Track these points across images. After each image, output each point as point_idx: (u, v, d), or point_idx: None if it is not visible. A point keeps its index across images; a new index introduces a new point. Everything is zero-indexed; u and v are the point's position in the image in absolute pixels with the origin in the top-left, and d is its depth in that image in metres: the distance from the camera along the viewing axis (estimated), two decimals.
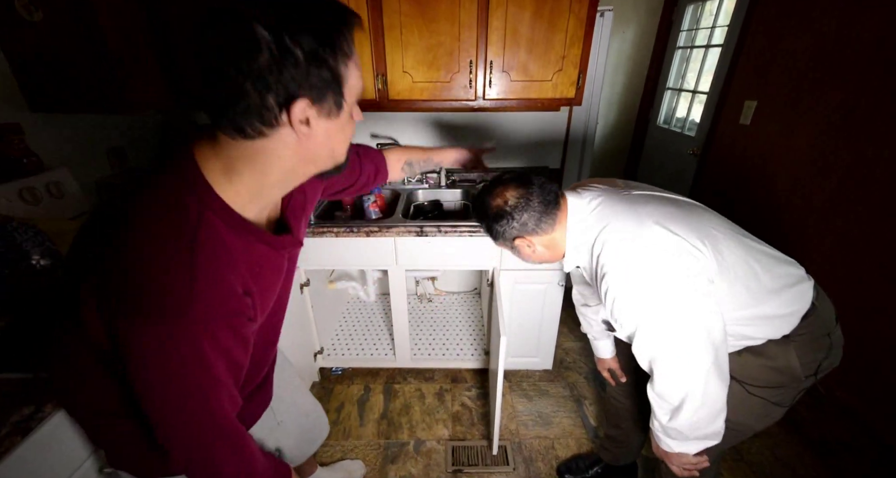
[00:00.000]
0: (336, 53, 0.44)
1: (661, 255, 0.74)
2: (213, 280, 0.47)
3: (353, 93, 0.49)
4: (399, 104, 1.56)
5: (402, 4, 1.37)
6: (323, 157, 0.52)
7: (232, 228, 0.50)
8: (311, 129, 0.47)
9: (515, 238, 0.87)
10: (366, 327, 2.04)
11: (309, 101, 0.44)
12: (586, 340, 2.24)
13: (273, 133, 0.46)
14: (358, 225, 1.49)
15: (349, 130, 0.53)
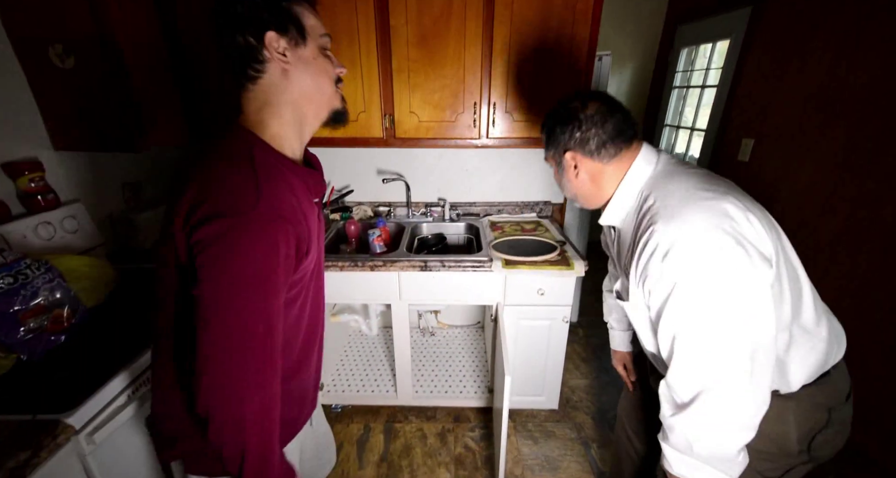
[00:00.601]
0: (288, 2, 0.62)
1: (734, 247, 0.64)
2: (274, 186, 0.58)
3: (315, 31, 0.64)
4: (405, 142, 1.61)
5: (409, 50, 1.45)
6: (312, 89, 0.65)
7: (273, 157, 0.62)
8: (288, 58, 0.61)
9: (568, 150, 0.80)
10: (367, 362, 2.00)
11: (275, 32, 0.60)
12: (592, 377, 2.19)
13: (267, 69, 0.62)
14: (362, 259, 1.50)
15: (327, 66, 0.66)
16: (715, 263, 0.64)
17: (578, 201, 0.88)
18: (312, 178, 0.69)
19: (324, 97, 0.67)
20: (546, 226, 1.86)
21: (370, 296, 1.58)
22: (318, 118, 0.69)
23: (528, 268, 1.47)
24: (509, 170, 1.96)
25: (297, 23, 0.62)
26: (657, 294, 0.70)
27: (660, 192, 0.74)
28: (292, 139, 0.66)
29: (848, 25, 1.62)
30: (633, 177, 0.79)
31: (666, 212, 0.69)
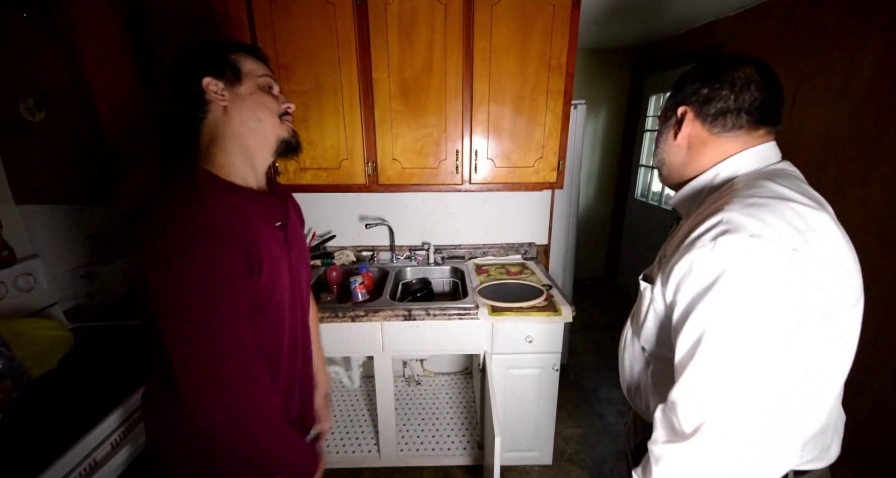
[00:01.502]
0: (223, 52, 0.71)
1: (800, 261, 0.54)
2: (211, 204, 0.63)
3: (253, 73, 0.72)
4: (388, 187, 1.61)
5: (392, 102, 1.48)
6: (252, 121, 0.71)
7: (217, 183, 0.68)
8: (226, 97, 0.69)
9: (682, 104, 0.69)
10: (348, 418, 1.87)
11: (212, 77, 0.68)
12: (586, 425, 2.09)
13: (210, 109, 0.70)
14: (343, 310, 1.44)
15: (266, 100, 0.73)
16: (782, 262, 0.53)
17: (663, 171, 0.77)
18: (267, 201, 0.75)
19: (266, 127, 0.73)
20: (531, 268, 1.84)
21: (351, 348, 1.50)
22: (267, 147, 0.75)
23: (516, 314, 1.43)
24: (493, 212, 1.97)
25: (232, 67, 0.71)
26: (694, 281, 0.57)
27: (753, 183, 0.62)
28: (242, 168, 0.72)
29: (805, 73, 1.76)
30: (735, 164, 0.67)
31: (746, 199, 0.58)
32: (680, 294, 0.60)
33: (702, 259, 0.57)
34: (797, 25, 1.79)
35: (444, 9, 1.38)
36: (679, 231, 0.71)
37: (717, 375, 0.55)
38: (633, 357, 0.81)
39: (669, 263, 0.62)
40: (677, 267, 0.60)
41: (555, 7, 1.39)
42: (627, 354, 0.83)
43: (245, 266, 0.63)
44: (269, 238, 0.71)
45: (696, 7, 2.08)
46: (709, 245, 0.56)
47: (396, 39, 1.41)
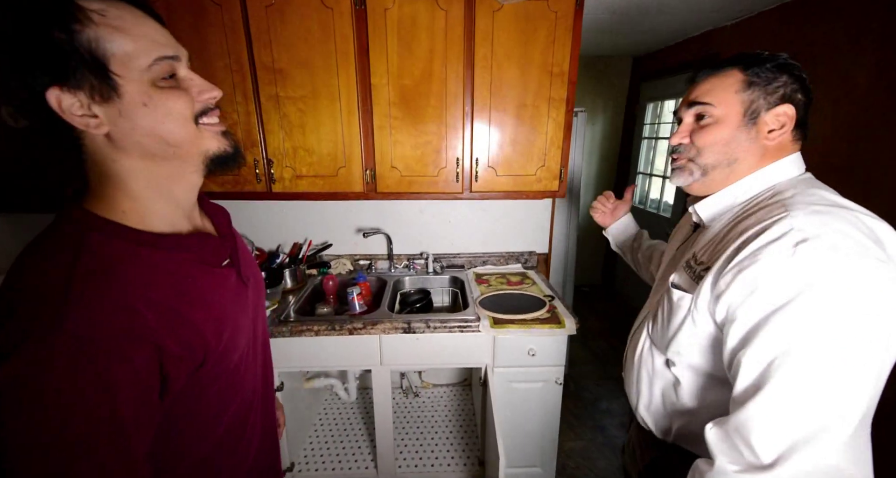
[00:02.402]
0: (58, 24, 0.39)
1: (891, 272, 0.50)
2: (96, 292, 0.41)
3: (136, 59, 0.43)
4: (387, 196, 1.57)
5: (391, 109, 1.45)
6: (153, 145, 0.46)
7: (130, 242, 0.46)
8: (101, 119, 0.43)
9: (785, 103, 0.63)
10: (344, 433, 1.81)
11: (59, 89, 0.40)
12: (588, 438, 2.05)
13: (83, 138, 0.44)
14: (340, 322, 1.39)
15: (173, 102, 0.46)
16: (872, 272, 0.48)
17: (718, 171, 0.67)
18: (207, 245, 0.54)
19: (180, 149, 0.48)
20: (532, 278, 1.81)
21: (349, 361, 1.45)
22: (190, 172, 0.51)
23: (518, 327, 1.39)
24: (493, 220, 1.94)
25: (89, 61, 0.40)
26: (766, 294, 0.52)
27: (810, 192, 0.59)
28: (160, 209, 0.50)
29: None
30: (779, 169, 0.64)
31: (808, 206, 0.55)
32: (744, 308, 0.55)
33: (777, 270, 0.52)
34: (793, 36, 1.80)
35: (445, 15, 1.36)
36: (710, 236, 0.67)
37: (805, 398, 0.50)
38: (653, 372, 0.76)
39: (724, 271, 0.57)
40: (741, 278, 0.55)
41: (557, 14, 1.37)
42: (645, 370, 0.78)
43: (148, 372, 0.43)
44: (213, 296, 0.53)
45: (693, 16, 2.09)
46: (786, 254, 0.52)
47: (396, 45, 1.38)
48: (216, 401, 0.55)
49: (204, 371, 0.50)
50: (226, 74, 1.38)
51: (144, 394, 0.42)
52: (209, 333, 0.50)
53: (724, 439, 0.56)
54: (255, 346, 0.66)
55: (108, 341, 0.40)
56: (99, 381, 0.39)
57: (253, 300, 0.64)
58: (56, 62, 0.39)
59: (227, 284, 0.57)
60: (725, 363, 0.59)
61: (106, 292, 0.41)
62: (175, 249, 0.50)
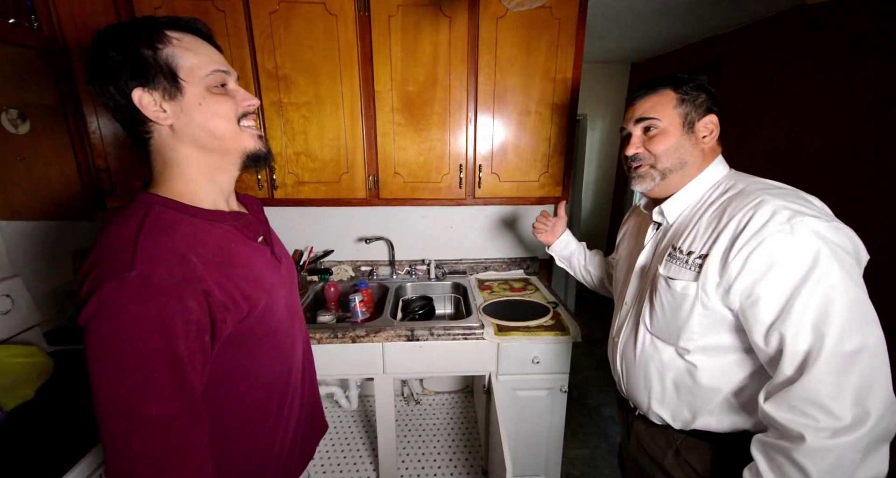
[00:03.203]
0: (147, 45, 0.54)
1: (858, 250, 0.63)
2: (158, 244, 0.51)
3: (197, 71, 0.57)
4: (390, 202, 1.56)
5: (394, 115, 1.45)
6: (204, 137, 0.58)
7: (184, 213, 0.57)
8: (168, 113, 0.56)
9: (714, 113, 0.78)
10: (346, 442, 1.79)
11: (141, 89, 0.54)
12: (592, 446, 2.03)
13: (152, 130, 0.57)
14: (343, 330, 1.38)
15: (220, 107, 0.58)
16: (845, 229, 0.62)
17: (673, 174, 0.79)
18: (243, 220, 0.65)
19: (224, 142, 0.60)
20: (535, 284, 1.80)
21: (351, 370, 1.43)
22: (231, 164, 0.63)
23: (522, 334, 1.38)
24: (496, 226, 1.93)
25: (165, 68, 0.54)
26: (786, 269, 0.60)
27: (750, 181, 0.73)
28: (207, 191, 0.62)
29: (803, 89, 1.77)
30: (716, 168, 0.78)
31: (768, 191, 0.67)
32: (767, 285, 0.61)
33: (787, 245, 0.60)
34: (795, 43, 1.81)
35: (449, 22, 1.36)
36: (687, 229, 0.76)
37: (857, 347, 0.56)
38: (663, 365, 0.79)
39: (729, 257, 0.65)
40: (752, 259, 0.62)
41: (560, 21, 1.37)
42: (653, 365, 0.80)
43: (208, 315, 0.52)
44: (252, 260, 0.62)
45: (692, 24, 2.10)
46: (786, 230, 0.60)
47: (400, 52, 1.38)
48: (263, 359, 0.63)
49: (248, 324, 0.58)
50: None
51: (197, 332, 0.51)
52: (250, 288, 0.59)
53: (792, 409, 0.59)
54: (293, 320, 0.72)
55: (166, 282, 0.49)
56: (161, 313, 0.48)
57: (287, 277, 0.73)
58: (142, 70, 0.54)
59: (263, 256, 0.66)
60: (759, 339, 0.64)
61: (165, 245, 0.52)
62: (218, 221, 0.60)
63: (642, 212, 0.94)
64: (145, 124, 0.56)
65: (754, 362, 0.71)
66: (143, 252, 0.49)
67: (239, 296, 0.56)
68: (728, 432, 0.75)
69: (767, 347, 0.63)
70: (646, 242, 0.87)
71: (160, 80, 0.54)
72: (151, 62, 0.54)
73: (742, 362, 0.71)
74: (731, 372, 0.72)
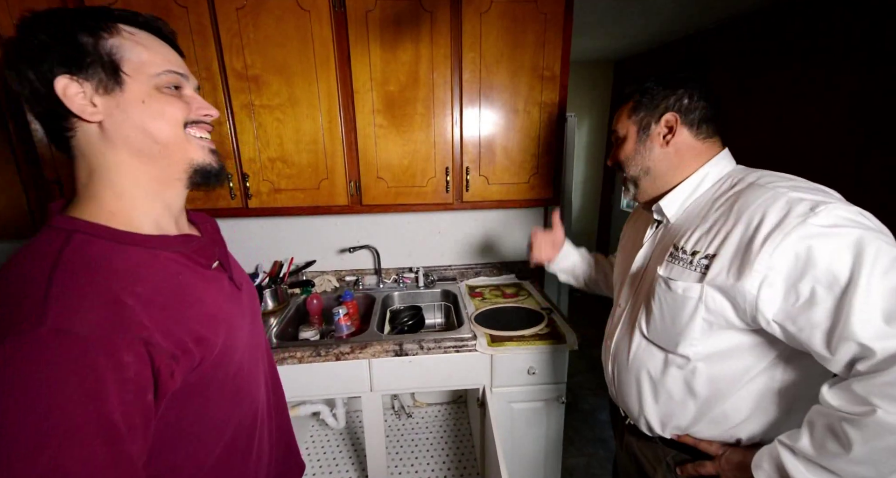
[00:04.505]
0: (89, 31, 0.46)
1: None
2: (79, 285, 0.41)
3: (147, 67, 0.49)
4: (373, 208, 1.48)
5: (375, 116, 1.37)
6: (140, 139, 0.49)
7: (116, 241, 0.47)
8: (98, 109, 0.47)
9: (669, 112, 0.74)
10: (334, 464, 1.69)
11: (69, 75, 0.45)
12: (589, 453, 1.98)
13: (75, 128, 0.47)
14: (326, 347, 1.29)
15: (167, 108, 0.50)
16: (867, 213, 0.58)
17: (644, 181, 0.78)
18: (193, 245, 0.54)
19: (166, 149, 0.50)
20: (528, 289, 1.74)
21: (336, 389, 1.34)
22: (175, 178, 0.52)
23: (516, 344, 1.31)
24: (485, 230, 1.86)
25: (105, 60, 0.46)
26: (833, 262, 0.54)
27: (760, 174, 0.69)
28: (147, 210, 0.51)
29: (787, 85, 1.75)
30: (719, 163, 0.74)
31: (781, 182, 0.64)
32: (807, 282, 0.56)
33: (820, 237, 0.55)
34: (778, 38, 1.80)
35: (430, 17, 1.29)
36: (691, 227, 0.71)
37: None
38: (658, 372, 0.75)
39: (749, 254, 0.59)
40: (780, 252, 0.57)
41: (546, 16, 1.32)
42: (645, 372, 0.76)
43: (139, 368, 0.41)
44: (206, 293, 0.52)
45: (675, 19, 2.08)
46: (814, 221, 0.55)
47: (379, 49, 1.31)
48: (220, 408, 0.53)
49: (203, 372, 0.48)
50: None
51: (136, 393, 0.40)
52: (204, 329, 0.49)
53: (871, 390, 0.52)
54: (256, 352, 0.63)
55: (92, 335, 0.38)
56: (84, 377, 0.37)
57: (248, 305, 0.64)
58: (74, 57, 0.45)
59: (220, 285, 0.56)
60: (819, 346, 0.56)
61: (89, 285, 0.41)
62: (162, 249, 0.50)
63: (643, 211, 0.89)
64: (67, 119, 0.47)
65: (754, 371, 0.67)
66: (59, 297, 0.39)
67: (190, 341, 0.47)
68: (721, 442, 0.73)
69: (834, 354, 0.55)
70: (644, 241, 0.82)
71: (96, 69, 0.46)
72: (89, 49, 0.46)
73: (742, 371, 0.68)
74: (730, 381, 0.69)
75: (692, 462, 0.74)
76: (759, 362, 0.67)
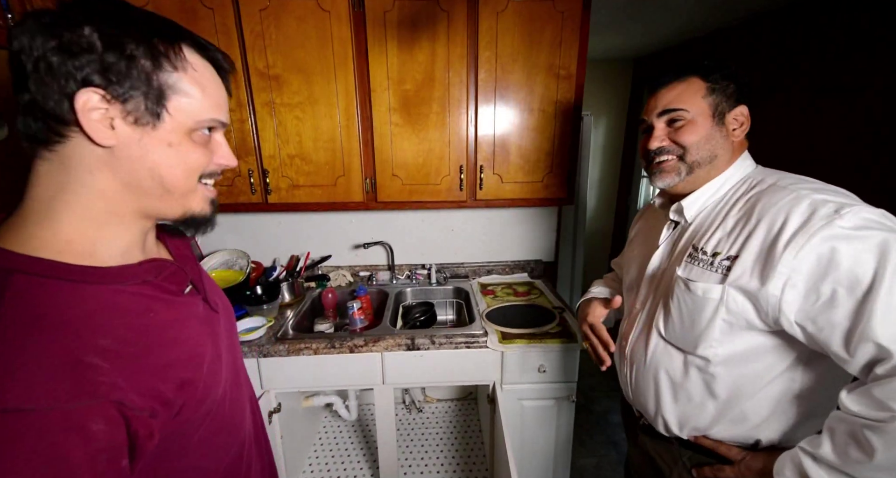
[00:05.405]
0: (151, 53, 0.40)
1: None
2: (32, 348, 0.34)
3: (193, 115, 0.43)
4: (388, 205, 1.51)
5: (392, 115, 1.39)
6: (145, 181, 0.43)
7: (70, 280, 0.39)
8: (115, 133, 0.39)
9: (743, 104, 0.73)
10: (345, 453, 1.73)
11: (101, 90, 0.38)
12: (600, 454, 1.97)
13: (70, 137, 0.39)
14: (340, 339, 1.32)
15: (188, 154, 0.44)
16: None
17: (702, 168, 0.73)
18: (163, 271, 0.47)
19: (169, 195, 0.44)
20: (540, 288, 1.74)
21: (350, 381, 1.38)
22: (159, 217, 0.47)
23: (527, 341, 1.32)
24: (498, 229, 1.87)
25: (153, 92, 0.40)
26: (857, 264, 0.53)
27: (780, 176, 0.69)
28: (113, 237, 0.43)
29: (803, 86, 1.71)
30: (744, 163, 0.74)
31: (802, 184, 0.63)
32: (834, 283, 0.55)
33: (845, 238, 0.55)
34: (802, 36, 1.75)
35: (447, 16, 1.30)
36: (712, 228, 0.70)
37: None
38: (677, 374, 0.74)
39: (773, 256, 0.59)
40: (804, 255, 0.57)
41: (563, 14, 1.32)
42: (664, 374, 0.76)
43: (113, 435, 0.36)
44: (180, 327, 0.47)
45: (696, 17, 2.04)
46: (840, 223, 0.55)
47: (396, 49, 1.33)
48: (204, 449, 0.49)
49: (185, 417, 0.44)
50: None
51: (109, 462, 0.35)
52: (185, 371, 0.44)
53: (891, 395, 0.52)
54: (238, 377, 0.60)
55: (51, 410, 0.33)
56: (48, 459, 0.32)
57: (226, 327, 0.59)
58: (119, 73, 0.39)
59: (194, 313, 0.51)
60: (838, 347, 0.57)
61: (42, 349, 0.34)
62: (125, 282, 0.43)
63: (657, 210, 0.88)
64: (65, 126, 0.38)
65: (774, 372, 0.67)
66: (7, 369, 0.32)
67: (169, 389, 0.41)
68: (739, 444, 0.72)
69: (853, 356, 0.55)
70: (660, 242, 0.81)
71: (136, 96, 0.39)
72: (139, 75, 0.39)
73: (763, 372, 0.68)
74: (750, 382, 0.69)
75: (710, 465, 0.74)
76: (780, 363, 0.66)
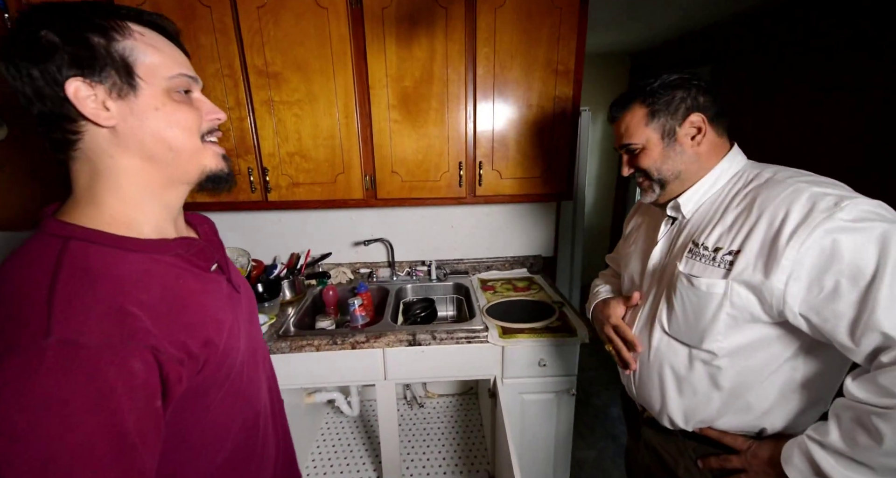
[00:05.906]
0: (100, 32, 0.44)
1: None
2: (83, 295, 0.40)
3: (159, 71, 0.47)
4: (387, 202, 1.51)
5: (390, 112, 1.40)
6: (155, 148, 0.48)
7: (117, 248, 0.45)
8: (112, 113, 0.45)
9: (695, 112, 0.72)
10: (348, 448, 1.74)
11: (81, 80, 0.43)
12: (600, 447, 1.99)
13: (83, 131, 0.46)
14: (342, 336, 1.33)
15: (183, 114, 0.49)
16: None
17: (673, 184, 0.76)
18: (192, 248, 0.53)
19: (181, 156, 0.50)
20: (539, 283, 1.75)
21: (352, 377, 1.39)
22: (184, 182, 0.52)
23: (528, 336, 1.33)
24: (498, 224, 1.88)
25: (119, 64, 0.45)
26: (858, 255, 0.54)
27: (776, 170, 0.69)
28: (150, 214, 0.50)
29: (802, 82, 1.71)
30: (734, 159, 0.75)
31: (800, 177, 0.65)
32: (836, 275, 0.56)
33: (846, 230, 0.56)
34: (800, 32, 1.76)
35: (446, 13, 1.30)
36: (712, 224, 0.71)
37: None
38: (682, 368, 0.75)
39: (775, 250, 0.60)
40: (807, 248, 0.58)
41: (562, 10, 1.32)
42: (668, 368, 0.77)
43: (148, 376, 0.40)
44: (206, 297, 0.51)
45: (693, 11, 2.04)
46: (840, 215, 0.56)
47: (394, 46, 1.33)
48: (222, 411, 0.53)
49: (206, 374, 0.48)
50: (217, 79, 1.32)
51: (146, 400, 0.40)
52: (208, 332, 0.49)
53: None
54: (256, 355, 0.63)
55: (100, 346, 0.37)
56: (95, 388, 0.36)
57: (247, 307, 0.64)
58: (87, 59, 0.44)
59: (219, 287, 0.56)
60: (843, 337, 0.57)
61: (93, 295, 0.40)
62: (162, 253, 0.49)
63: (651, 206, 0.88)
64: (75, 122, 0.45)
65: (779, 361, 0.68)
66: (62, 308, 0.37)
67: (195, 345, 0.46)
68: (744, 433, 0.74)
69: (858, 345, 0.56)
70: (659, 238, 0.82)
71: (109, 73, 0.44)
72: (101, 52, 0.44)
73: (767, 361, 0.69)
74: (755, 373, 0.70)
75: (716, 456, 0.74)
76: (783, 353, 0.68)
